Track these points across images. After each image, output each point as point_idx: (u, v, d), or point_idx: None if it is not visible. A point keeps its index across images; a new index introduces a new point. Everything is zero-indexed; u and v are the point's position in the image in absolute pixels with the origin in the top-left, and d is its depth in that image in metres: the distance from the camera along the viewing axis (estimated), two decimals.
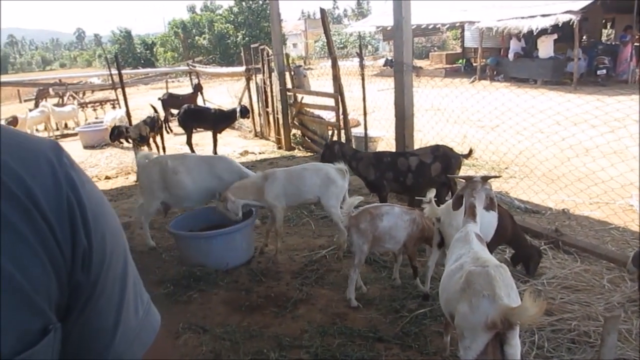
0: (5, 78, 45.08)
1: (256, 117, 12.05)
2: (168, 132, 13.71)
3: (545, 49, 18.00)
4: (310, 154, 9.79)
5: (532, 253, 4.28)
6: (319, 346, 3.47)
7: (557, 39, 17.74)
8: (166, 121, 14.00)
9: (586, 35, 19.85)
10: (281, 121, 10.49)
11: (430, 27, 22.08)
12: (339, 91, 8.08)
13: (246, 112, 10.99)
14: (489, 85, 17.59)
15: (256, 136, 12.34)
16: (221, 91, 17.54)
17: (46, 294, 0.64)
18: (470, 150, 5.57)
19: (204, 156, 5.48)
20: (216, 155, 5.29)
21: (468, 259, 2.65)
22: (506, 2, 18.61)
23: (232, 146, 11.29)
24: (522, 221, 5.14)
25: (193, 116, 10.50)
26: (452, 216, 3.59)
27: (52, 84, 18.54)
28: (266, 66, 10.62)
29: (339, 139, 8.00)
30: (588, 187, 5.85)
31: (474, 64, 22.52)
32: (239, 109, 10.73)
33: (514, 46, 19.42)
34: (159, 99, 14.35)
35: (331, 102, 8.56)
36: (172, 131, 13.81)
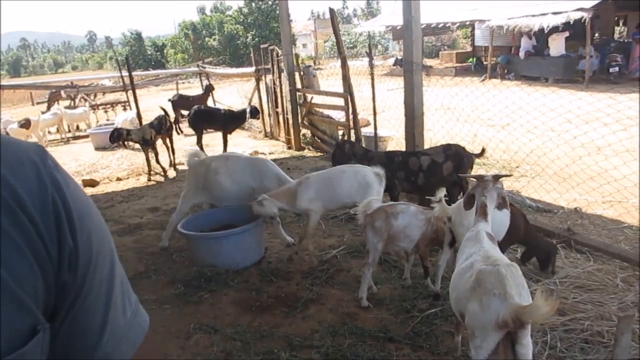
0: (17, 81, 45.55)
1: (266, 117, 12.07)
2: (178, 133, 13.77)
3: (557, 47, 17.85)
4: (320, 154, 9.79)
5: (550, 249, 4.24)
6: (329, 346, 3.47)
7: (568, 36, 17.59)
8: (176, 122, 14.06)
9: (598, 32, 19.67)
10: (291, 121, 10.50)
11: (440, 26, 22.00)
12: (348, 91, 8.07)
13: (256, 113, 11.00)
14: (499, 83, 17.37)
15: (266, 136, 12.35)
16: (231, 92, 17.58)
17: (34, 294, 0.65)
18: (482, 150, 5.54)
19: (246, 157, 5.47)
20: (258, 157, 5.28)
21: (478, 257, 2.63)
22: (517, 0, 18.49)
23: (242, 146, 11.31)
24: (533, 220, 5.10)
25: (203, 117, 10.53)
26: (463, 215, 3.56)
27: (64, 87, 18.67)
28: (276, 66, 10.64)
29: (349, 138, 7.99)
30: (600, 186, 5.80)
31: (485, 63, 22.38)
32: (249, 109, 10.74)
33: (525, 44, 19.29)
34: (169, 100, 14.43)
35: (341, 101, 8.55)
36: (182, 132, 13.87)
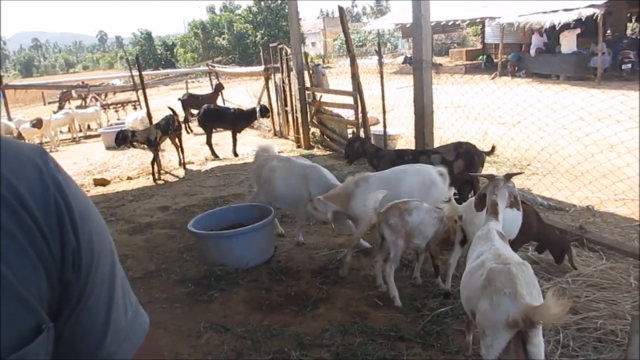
0: (29, 81, 45.93)
1: (275, 116, 12.08)
2: (188, 133, 13.83)
3: (568, 44, 17.71)
4: (329, 152, 9.78)
5: (564, 245, 4.20)
6: (339, 345, 3.46)
7: (580, 33, 17.44)
8: (186, 121, 14.13)
9: (610, 29, 19.49)
10: (300, 120, 10.50)
11: (449, 23, 21.93)
12: (357, 89, 8.06)
13: (266, 112, 11.03)
14: (510, 81, 17.34)
15: (275, 135, 12.36)
16: (240, 91, 17.61)
17: (37, 293, 0.66)
18: (492, 147, 5.51)
19: (302, 163, 5.35)
20: (313, 164, 5.22)
21: (489, 255, 2.61)
22: None
23: (252, 145, 11.27)
24: (545, 218, 5.04)
25: (212, 116, 10.57)
26: (474, 214, 3.54)
27: (75, 86, 18.79)
28: (285, 65, 10.64)
29: (359, 136, 7.97)
30: (613, 184, 5.73)
31: (495, 60, 22.27)
32: (259, 108, 10.77)
33: (536, 41, 19.17)
34: (179, 99, 14.49)
35: (350, 100, 8.54)
36: (192, 131, 13.92)
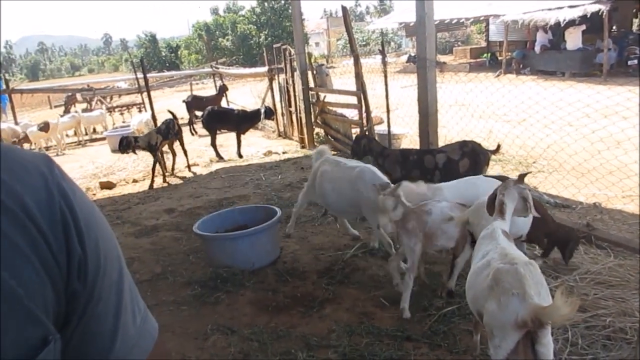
0: (36, 85, 46.14)
1: (279, 116, 12.08)
2: (193, 134, 13.86)
3: (573, 40, 17.64)
4: (333, 152, 9.75)
5: (570, 236, 4.15)
6: (346, 346, 3.45)
7: (585, 30, 17.35)
8: (191, 123, 14.16)
9: (616, 25, 19.39)
10: (304, 120, 10.49)
11: (453, 21, 21.86)
12: (361, 89, 8.04)
13: (271, 114, 11.06)
14: (514, 78, 17.33)
15: (279, 136, 12.37)
16: (244, 92, 17.65)
17: (43, 303, 0.65)
18: (498, 146, 5.48)
19: (350, 167, 4.94)
20: (364, 167, 4.92)
21: (495, 255, 2.59)
22: None
23: (256, 146, 11.33)
24: (552, 216, 5.03)
25: (217, 117, 10.59)
26: (480, 215, 3.49)
27: (81, 89, 18.88)
28: (289, 66, 10.64)
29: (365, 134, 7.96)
30: (620, 180, 5.70)
31: (499, 58, 22.20)
32: (264, 109, 10.78)
33: (541, 38, 19.09)
34: (184, 101, 14.53)
35: (354, 100, 8.52)
36: (196, 133, 13.94)
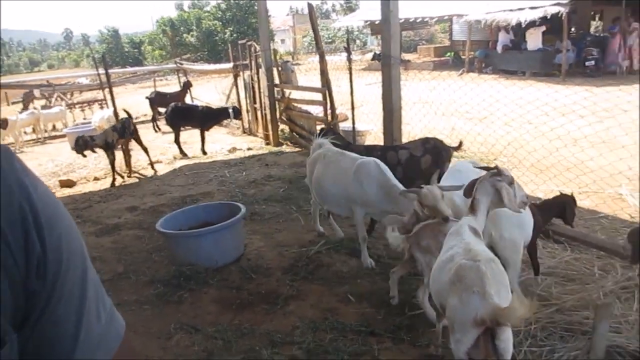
0: None
1: (244, 113, 11.99)
2: (156, 131, 13.65)
3: (534, 41, 18.06)
4: (298, 149, 9.76)
5: (562, 200, 4.05)
6: (311, 342, 3.45)
7: (545, 31, 17.79)
8: (154, 120, 13.94)
9: (575, 27, 19.91)
10: (269, 117, 10.45)
11: (418, 20, 22.09)
12: (326, 86, 8.06)
13: (239, 114, 11.02)
14: (477, 77, 17.62)
15: (244, 133, 12.29)
16: (209, 88, 17.44)
17: None
18: (460, 143, 5.56)
19: (354, 157, 4.70)
20: (367, 160, 4.59)
21: (459, 250, 2.62)
22: None
23: (220, 143, 11.23)
24: None
25: (181, 114, 10.44)
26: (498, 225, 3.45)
27: (40, 85, 18.37)
28: (254, 62, 10.57)
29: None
30: (577, 177, 5.86)
31: (462, 57, 22.54)
32: (232, 109, 10.68)
33: (503, 38, 19.47)
34: (147, 97, 14.27)
35: (319, 96, 8.53)
36: (160, 130, 13.73)
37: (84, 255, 0.76)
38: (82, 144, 8.19)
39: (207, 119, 10.50)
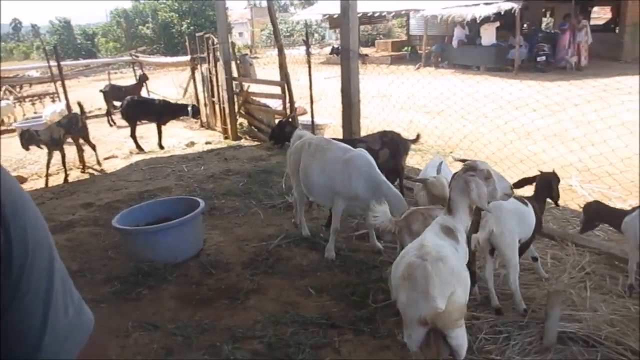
0: None
1: (202, 107, 11.84)
2: (111, 125, 13.32)
3: (488, 36, 18.45)
4: (257, 143, 9.71)
5: (546, 178, 3.90)
6: (272, 335, 3.45)
7: (499, 26, 18.21)
8: (109, 114, 13.59)
9: (527, 23, 20.45)
10: (227, 110, 10.35)
11: (376, 14, 22.25)
12: (285, 79, 8.04)
13: (197, 113, 10.90)
14: (433, 71, 17.90)
15: (202, 127, 12.14)
16: (166, 81, 17.13)
17: None
18: (417, 136, 5.64)
19: (345, 147, 4.59)
20: (357, 152, 4.49)
21: (415, 245, 2.66)
22: None
23: (178, 137, 11.06)
24: None
25: (137, 108, 10.22)
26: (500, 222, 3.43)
27: None
28: (212, 55, 10.45)
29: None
30: (530, 169, 5.99)
31: (419, 52, 22.83)
32: (191, 108, 10.52)
33: (458, 34, 19.83)
34: (101, 90, 13.89)
35: (278, 90, 8.51)
36: (115, 124, 13.40)
37: (51, 247, 0.74)
38: (28, 138, 7.87)
39: (164, 113, 10.30)
